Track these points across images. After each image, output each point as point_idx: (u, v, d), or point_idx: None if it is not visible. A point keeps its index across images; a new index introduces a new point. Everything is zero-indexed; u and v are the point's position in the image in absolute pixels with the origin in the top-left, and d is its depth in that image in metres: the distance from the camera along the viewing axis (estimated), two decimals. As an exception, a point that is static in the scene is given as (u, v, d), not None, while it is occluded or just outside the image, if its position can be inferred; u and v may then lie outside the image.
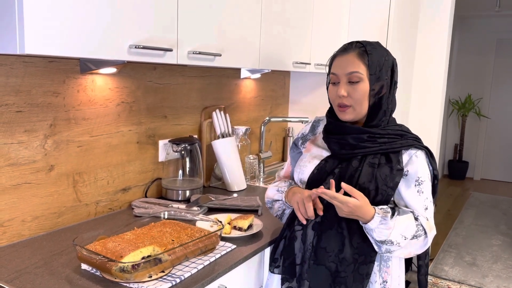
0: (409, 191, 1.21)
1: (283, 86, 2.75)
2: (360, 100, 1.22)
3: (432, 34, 3.04)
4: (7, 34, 0.99)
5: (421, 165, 1.22)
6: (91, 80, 1.52)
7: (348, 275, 1.20)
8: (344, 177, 1.22)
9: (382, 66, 1.23)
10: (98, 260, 1.10)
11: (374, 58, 1.22)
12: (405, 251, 1.19)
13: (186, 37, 1.42)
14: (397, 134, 1.24)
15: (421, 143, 1.26)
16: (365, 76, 1.21)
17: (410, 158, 1.22)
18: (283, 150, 2.84)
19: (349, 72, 1.22)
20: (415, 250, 1.20)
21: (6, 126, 1.30)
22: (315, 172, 1.29)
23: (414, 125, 3.12)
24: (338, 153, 1.26)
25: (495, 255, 3.69)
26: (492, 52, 6.22)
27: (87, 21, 1.10)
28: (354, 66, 1.22)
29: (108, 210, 1.66)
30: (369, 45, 1.25)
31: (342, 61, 1.24)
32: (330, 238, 1.21)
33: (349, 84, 1.23)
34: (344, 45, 1.28)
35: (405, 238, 1.15)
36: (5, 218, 1.33)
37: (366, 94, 1.22)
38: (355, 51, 1.23)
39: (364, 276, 1.21)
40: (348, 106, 1.23)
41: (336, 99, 1.25)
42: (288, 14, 2.00)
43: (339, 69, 1.24)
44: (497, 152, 6.36)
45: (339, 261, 1.20)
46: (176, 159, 1.87)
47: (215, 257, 1.29)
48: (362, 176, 1.19)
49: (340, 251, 1.20)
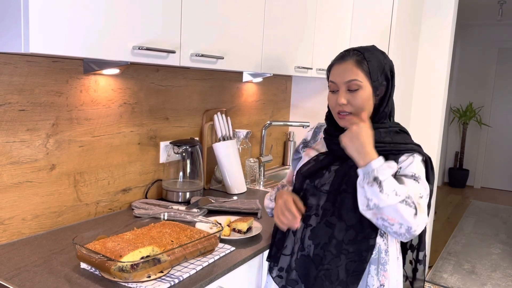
0: (406, 179, 1.18)
1: (285, 91, 2.76)
2: (360, 107, 1.23)
3: (434, 42, 3.06)
4: (12, 33, 1.00)
5: (416, 165, 1.21)
6: (94, 81, 1.53)
7: (332, 269, 1.20)
8: (339, 174, 1.22)
9: (383, 70, 1.24)
10: (98, 259, 1.11)
11: (374, 64, 1.23)
12: (394, 215, 1.10)
13: (189, 40, 1.43)
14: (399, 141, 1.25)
15: (423, 152, 1.26)
16: (365, 83, 1.22)
17: (406, 158, 1.22)
18: (284, 154, 2.85)
19: (347, 81, 1.23)
20: (401, 220, 1.10)
21: (9, 125, 1.30)
22: (311, 163, 1.30)
23: (415, 132, 3.12)
24: (340, 154, 1.26)
25: (494, 264, 3.68)
26: (493, 60, 6.23)
27: (92, 21, 1.11)
28: (352, 74, 1.22)
29: (108, 210, 1.66)
30: (366, 51, 1.25)
31: (340, 69, 1.25)
32: (318, 230, 1.22)
33: (349, 92, 1.23)
34: (341, 53, 1.29)
35: (397, 195, 1.09)
36: (5, 216, 1.33)
37: (366, 100, 1.23)
38: (353, 58, 1.24)
39: (351, 272, 1.20)
40: (349, 113, 1.24)
41: (336, 107, 1.26)
42: (290, 19, 2.01)
43: (338, 77, 1.25)
44: (498, 160, 6.36)
45: (323, 254, 1.21)
46: (177, 161, 1.87)
47: (214, 259, 1.29)
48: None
49: (326, 244, 1.21)
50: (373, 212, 1.12)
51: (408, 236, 1.13)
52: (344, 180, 1.21)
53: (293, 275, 1.27)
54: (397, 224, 1.11)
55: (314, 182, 1.28)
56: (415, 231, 1.12)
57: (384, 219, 1.12)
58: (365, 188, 1.11)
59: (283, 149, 2.84)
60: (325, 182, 1.26)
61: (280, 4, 1.91)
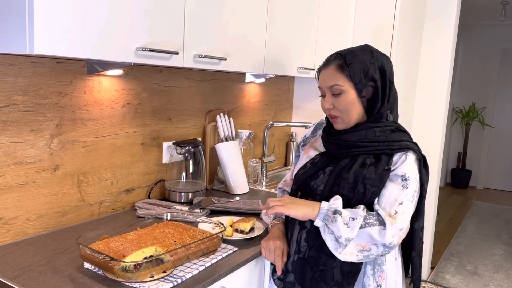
0: (392, 184, 1.19)
1: (287, 91, 2.76)
2: (345, 111, 1.24)
3: (436, 42, 3.05)
4: (17, 35, 1.01)
5: (408, 164, 1.20)
6: (98, 82, 1.54)
7: (327, 270, 1.21)
8: (332, 175, 1.24)
9: (368, 71, 1.22)
10: (101, 259, 1.11)
11: (355, 67, 1.22)
12: (365, 239, 1.14)
13: (192, 41, 1.43)
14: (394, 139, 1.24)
15: (418, 150, 1.25)
16: (346, 86, 1.22)
17: (399, 158, 1.22)
18: (286, 155, 2.85)
19: (330, 86, 1.25)
20: (373, 241, 1.14)
21: (13, 125, 1.31)
22: (307, 166, 1.32)
23: (417, 133, 3.12)
24: (335, 153, 1.28)
25: (497, 265, 3.67)
26: (496, 61, 6.22)
27: (96, 23, 1.12)
28: (333, 79, 1.24)
29: (111, 210, 1.67)
30: (349, 54, 1.24)
31: (323, 74, 1.28)
32: (313, 233, 1.24)
33: (333, 97, 1.25)
34: (327, 57, 1.30)
35: (353, 219, 1.14)
36: (10, 216, 1.34)
37: (350, 103, 1.23)
38: (334, 63, 1.25)
39: (346, 273, 1.21)
40: (337, 117, 1.26)
41: (326, 111, 1.29)
42: (293, 20, 2.02)
43: (322, 82, 1.28)
44: (501, 161, 6.35)
45: (318, 255, 1.23)
46: (179, 162, 1.88)
47: (217, 259, 1.30)
48: (351, 175, 1.21)
49: (320, 246, 1.22)
50: (350, 252, 1.15)
51: (389, 250, 1.17)
52: (337, 182, 1.23)
53: (290, 277, 1.29)
54: (373, 246, 1.15)
55: (310, 183, 1.30)
56: (392, 243, 1.15)
57: (362, 250, 1.15)
58: (331, 229, 1.16)
59: (285, 149, 2.84)
60: (320, 183, 1.28)
61: (282, 5, 1.91)
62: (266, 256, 1.34)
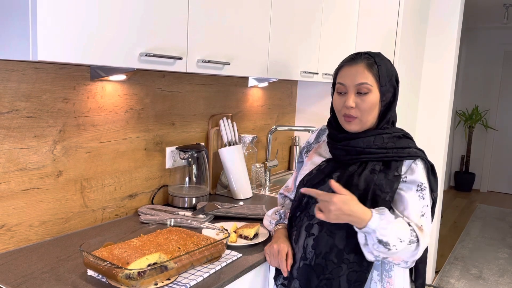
0: (410, 194, 1.19)
1: (290, 95, 2.76)
2: (367, 111, 1.22)
3: (440, 45, 3.05)
4: (20, 41, 1.00)
5: (420, 173, 1.21)
6: (101, 87, 1.54)
7: (334, 278, 1.20)
8: (340, 182, 1.21)
9: (391, 76, 1.25)
10: (104, 267, 1.10)
11: (383, 69, 1.23)
12: (399, 256, 1.14)
13: (195, 46, 1.43)
14: (402, 146, 1.24)
15: (426, 157, 1.25)
16: (374, 87, 1.21)
17: (409, 166, 1.21)
18: (289, 159, 2.84)
19: (358, 83, 1.22)
20: (406, 258, 1.14)
21: (16, 131, 1.31)
22: (313, 172, 1.30)
23: (421, 136, 3.11)
24: (343, 159, 1.26)
25: (502, 268, 3.65)
26: (499, 64, 6.20)
27: (99, 29, 1.11)
28: (363, 77, 1.21)
29: (114, 216, 1.66)
30: (377, 56, 1.26)
31: (350, 71, 1.24)
32: (320, 239, 1.22)
33: (358, 95, 1.23)
34: (351, 55, 1.28)
35: (401, 241, 1.10)
36: (13, 223, 1.34)
37: (374, 105, 1.22)
38: (364, 62, 1.23)
39: (352, 282, 1.20)
40: (355, 118, 1.23)
41: (343, 109, 1.25)
42: (296, 24, 2.01)
43: (348, 79, 1.24)
44: (504, 164, 6.32)
45: (325, 263, 1.20)
46: (183, 167, 1.87)
47: (221, 266, 1.29)
48: (362, 181, 1.19)
49: (327, 253, 1.20)
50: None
51: (411, 264, 1.18)
52: (346, 188, 1.20)
53: (295, 284, 1.26)
54: (402, 262, 1.16)
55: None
56: (418, 256, 1.16)
57: (389, 261, 1.17)
58: (370, 249, 1.14)
59: (288, 153, 2.83)
60: (327, 189, 1.25)
61: (286, 9, 1.91)
62: (270, 261, 1.33)
